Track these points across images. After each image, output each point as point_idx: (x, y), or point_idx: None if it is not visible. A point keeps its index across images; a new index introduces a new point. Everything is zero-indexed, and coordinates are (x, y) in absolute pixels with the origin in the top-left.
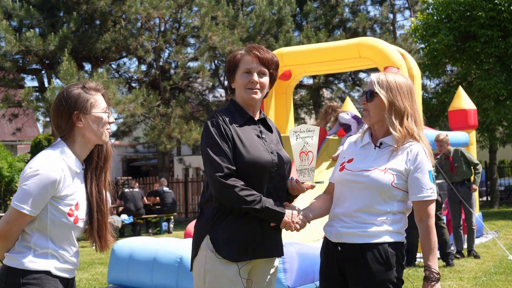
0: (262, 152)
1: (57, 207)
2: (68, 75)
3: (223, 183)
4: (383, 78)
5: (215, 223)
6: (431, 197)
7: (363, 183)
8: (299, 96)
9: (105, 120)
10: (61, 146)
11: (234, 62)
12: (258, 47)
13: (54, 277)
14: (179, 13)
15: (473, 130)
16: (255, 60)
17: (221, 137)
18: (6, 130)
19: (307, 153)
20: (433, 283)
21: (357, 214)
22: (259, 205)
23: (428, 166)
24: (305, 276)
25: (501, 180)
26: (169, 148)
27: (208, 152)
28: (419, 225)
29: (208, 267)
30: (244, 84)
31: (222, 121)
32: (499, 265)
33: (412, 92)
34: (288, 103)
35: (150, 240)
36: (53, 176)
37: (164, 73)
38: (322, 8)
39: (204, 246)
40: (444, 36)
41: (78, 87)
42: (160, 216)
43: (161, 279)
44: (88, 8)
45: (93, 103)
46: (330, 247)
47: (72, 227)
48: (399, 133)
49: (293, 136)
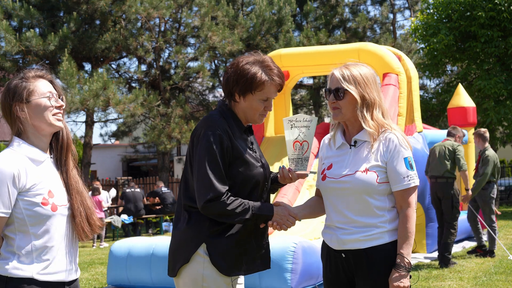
0: (257, 168)
1: (29, 200)
2: (68, 75)
3: (211, 205)
4: (348, 73)
5: (214, 233)
6: (409, 185)
7: (348, 189)
8: (299, 96)
9: (46, 104)
10: (14, 142)
11: (255, 84)
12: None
13: (41, 283)
14: (179, 13)
15: (472, 127)
16: (277, 89)
17: (222, 154)
18: (6, 130)
19: (302, 143)
20: (402, 272)
21: (356, 219)
22: (249, 214)
23: (403, 153)
24: (309, 276)
25: (501, 180)
26: (169, 148)
27: (205, 168)
28: (399, 213)
29: (207, 273)
30: (260, 110)
31: (225, 135)
32: (499, 265)
33: (376, 81)
34: (286, 103)
35: (147, 238)
36: (10, 171)
37: (164, 73)
38: (322, 8)
39: (202, 253)
40: (444, 36)
41: (17, 78)
42: (160, 216)
43: (160, 274)
44: (88, 8)
45: (30, 90)
46: (333, 254)
47: (53, 216)
48: (372, 128)
49: (288, 125)
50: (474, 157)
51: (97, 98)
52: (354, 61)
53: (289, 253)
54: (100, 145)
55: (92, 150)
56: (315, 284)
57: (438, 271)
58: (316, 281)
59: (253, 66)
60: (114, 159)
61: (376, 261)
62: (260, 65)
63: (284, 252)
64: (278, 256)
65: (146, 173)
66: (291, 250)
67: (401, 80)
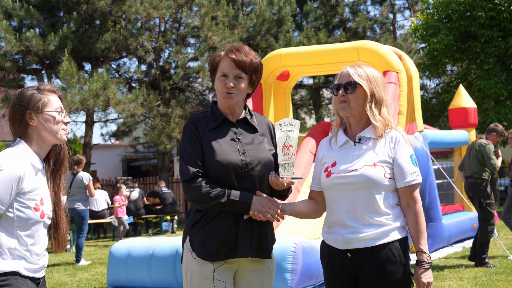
0: (230, 154)
1: (24, 202)
2: (68, 75)
3: (187, 186)
4: (359, 69)
5: (194, 224)
6: (415, 180)
7: (356, 183)
8: (299, 96)
9: (58, 119)
10: (21, 144)
11: (214, 64)
12: (237, 49)
13: (24, 277)
14: (179, 13)
15: (473, 128)
16: (232, 64)
17: (190, 141)
18: (6, 130)
19: (289, 147)
20: (426, 267)
21: (362, 216)
22: (223, 199)
23: (409, 150)
24: (309, 277)
25: (501, 180)
26: (169, 148)
27: (181, 156)
28: (406, 211)
29: (188, 267)
30: (221, 88)
31: (192, 125)
32: (499, 265)
33: (384, 83)
34: (287, 103)
35: (147, 239)
36: (17, 172)
37: (164, 73)
38: (322, 8)
39: (186, 247)
40: (444, 36)
41: (33, 88)
42: (160, 216)
43: (159, 274)
44: (88, 8)
45: (45, 102)
46: (336, 254)
47: (39, 222)
48: (379, 123)
49: (278, 129)
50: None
51: (97, 98)
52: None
53: (289, 253)
54: (100, 145)
55: (92, 150)
56: (315, 284)
57: (438, 271)
58: (316, 281)
59: (219, 52)
60: (114, 159)
61: (382, 260)
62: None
63: (284, 252)
64: (278, 256)
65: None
66: (291, 250)
67: (401, 78)
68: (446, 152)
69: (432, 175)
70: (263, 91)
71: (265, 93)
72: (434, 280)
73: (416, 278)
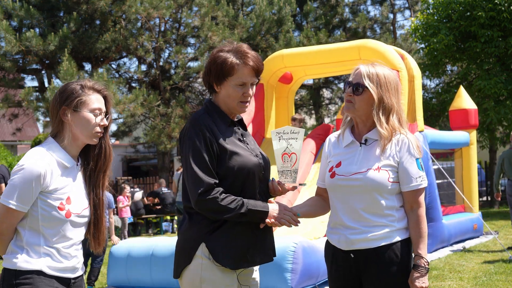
0: (248, 156)
1: (47, 201)
2: (68, 75)
3: (203, 199)
4: (373, 71)
5: (211, 230)
6: (421, 185)
7: (360, 186)
8: (299, 96)
9: (92, 121)
10: (49, 142)
11: (227, 69)
12: (251, 55)
13: (49, 276)
14: (179, 13)
15: (473, 129)
16: (252, 72)
17: (206, 148)
18: (6, 130)
19: (290, 155)
20: (422, 272)
21: (365, 217)
22: (243, 209)
23: (416, 154)
24: (309, 276)
25: (501, 180)
26: (169, 148)
27: (191, 164)
28: (409, 214)
29: (205, 275)
30: (238, 97)
31: (206, 130)
32: (499, 265)
33: (399, 88)
34: (289, 106)
35: (147, 239)
36: (38, 170)
37: (164, 73)
38: (322, 8)
39: (200, 254)
40: (444, 36)
41: (77, 83)
42: (160, 216)
43: (160, 275)
44: (88, 8)
45: (84, 101)
46: (340, 255)
47: (65, 222)
48: (385, 131)
49: (276, 137)
50: (476, 159)
51: None
52: (381, 64)
53: (289, 253)
54: None
55: None
56: (315, 284)
57: (438, 271)
58: (316, 281)
59: (225, 52)
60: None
61: (385, 260)
62: (233, 50)
63: (284, 252)
64: (278, 256)
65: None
66: (291, 250)
67: (402, 77)
68: (446, 153)
69: (432, 175)
70: (265, 93)
71: (267, 94)
72: (434, 280)
73: (411, 281)
